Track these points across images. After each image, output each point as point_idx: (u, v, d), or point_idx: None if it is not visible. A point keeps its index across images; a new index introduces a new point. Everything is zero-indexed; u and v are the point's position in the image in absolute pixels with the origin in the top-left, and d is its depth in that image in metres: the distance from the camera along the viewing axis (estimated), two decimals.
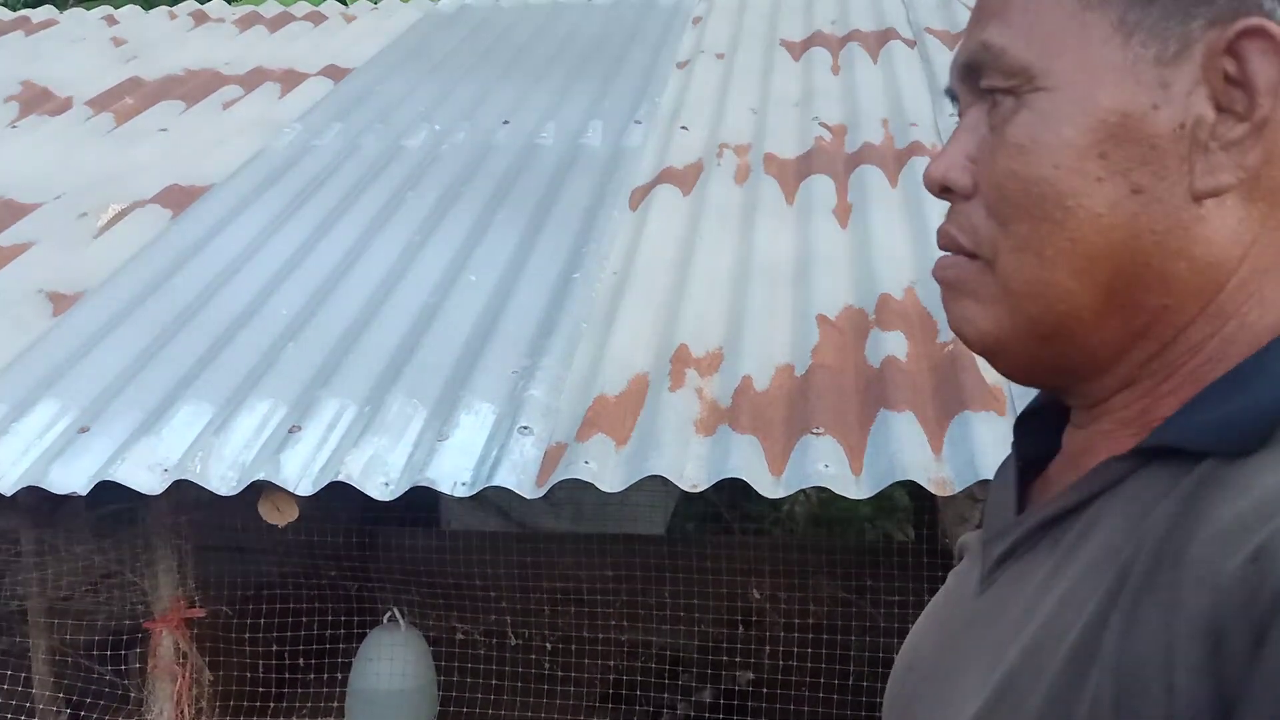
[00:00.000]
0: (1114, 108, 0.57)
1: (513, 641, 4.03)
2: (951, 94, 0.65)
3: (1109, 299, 0.59)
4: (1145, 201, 0.57)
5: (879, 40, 3.97)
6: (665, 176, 3.05)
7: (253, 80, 4.13)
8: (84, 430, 2.27)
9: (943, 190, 0.63)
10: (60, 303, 2.76)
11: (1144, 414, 0.59)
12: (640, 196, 2.99)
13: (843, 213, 2.82)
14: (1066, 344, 0.60)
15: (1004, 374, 0.64)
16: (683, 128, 3.33)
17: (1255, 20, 0.55)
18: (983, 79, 0.62)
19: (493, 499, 4.66)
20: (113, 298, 2.74)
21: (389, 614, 3.26)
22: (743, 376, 2.20)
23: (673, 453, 2.01)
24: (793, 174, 3.04)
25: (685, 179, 3.05)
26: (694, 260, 2.62)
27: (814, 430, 2.03)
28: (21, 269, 2.90)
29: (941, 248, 0.63)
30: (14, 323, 2.66)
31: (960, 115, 0.64)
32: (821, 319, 2.36)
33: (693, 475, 1.97)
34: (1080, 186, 0.58)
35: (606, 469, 2.00)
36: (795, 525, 5.20)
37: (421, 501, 2.00)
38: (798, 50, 3.99)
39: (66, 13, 5.32)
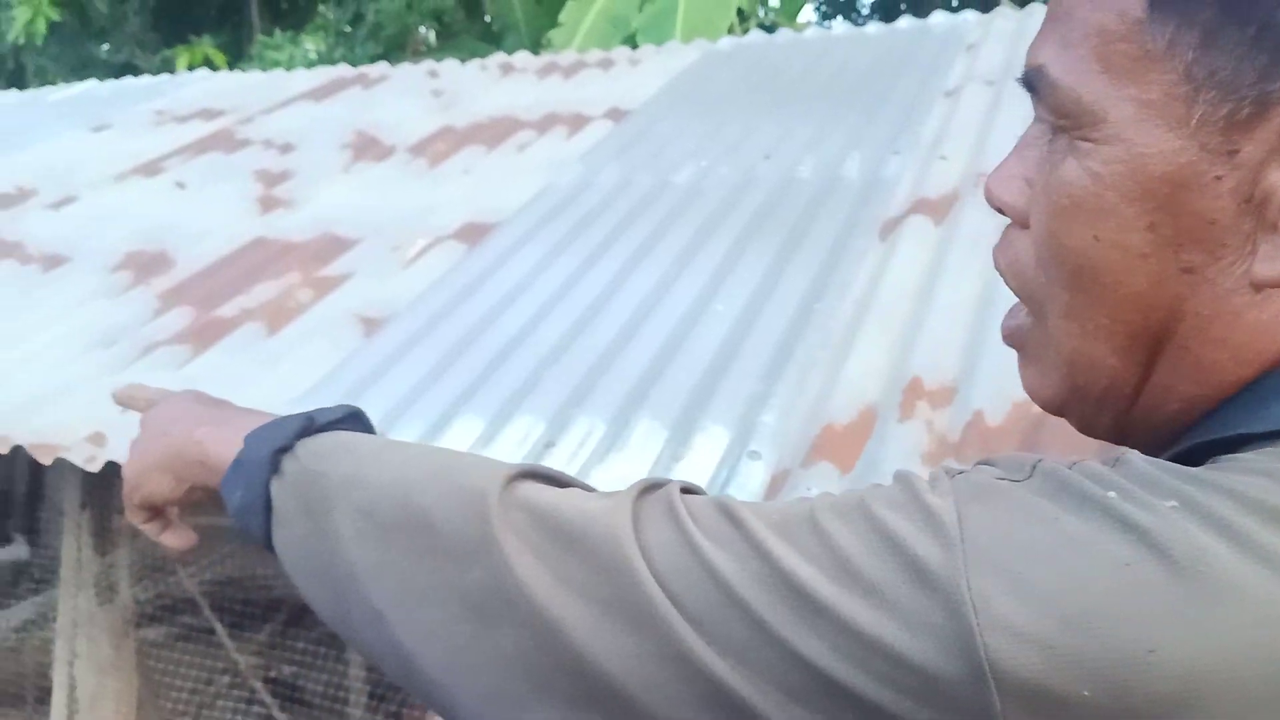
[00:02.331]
0: (1169, 175, 0.50)
1: None
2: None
3: (1150, 377, 0.55)
4: (1194, 282, 0.51)
5: None
6: (918, 206, 3.05)
7: (545, 124, 4.52)
8: None
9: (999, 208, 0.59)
10: (370, 326, 3.18)
11: None
12: (891, 227, 3.01)
13: None
14: (1116, 410, 0.57)
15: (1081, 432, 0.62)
16: (941, 157, 3.31)
17: None
18: (1036, 105, 0.56)
19: None
20: (412, 322, 3.12)
21: None
22: (975, 410, 2.19)
23: None
24: None
25: (938, 209, 3.04)
26: (937, 290, 2.62)
27: None
28: (342, 295, 3.36)
29: (997, 268, 0.61)
30: (332, 343, 3.10)
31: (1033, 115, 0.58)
32: None
33: None
34: (1121, 262, 0.52)
35: None
36: None
37: None
38: None
39: (398, 67, 6.02)
